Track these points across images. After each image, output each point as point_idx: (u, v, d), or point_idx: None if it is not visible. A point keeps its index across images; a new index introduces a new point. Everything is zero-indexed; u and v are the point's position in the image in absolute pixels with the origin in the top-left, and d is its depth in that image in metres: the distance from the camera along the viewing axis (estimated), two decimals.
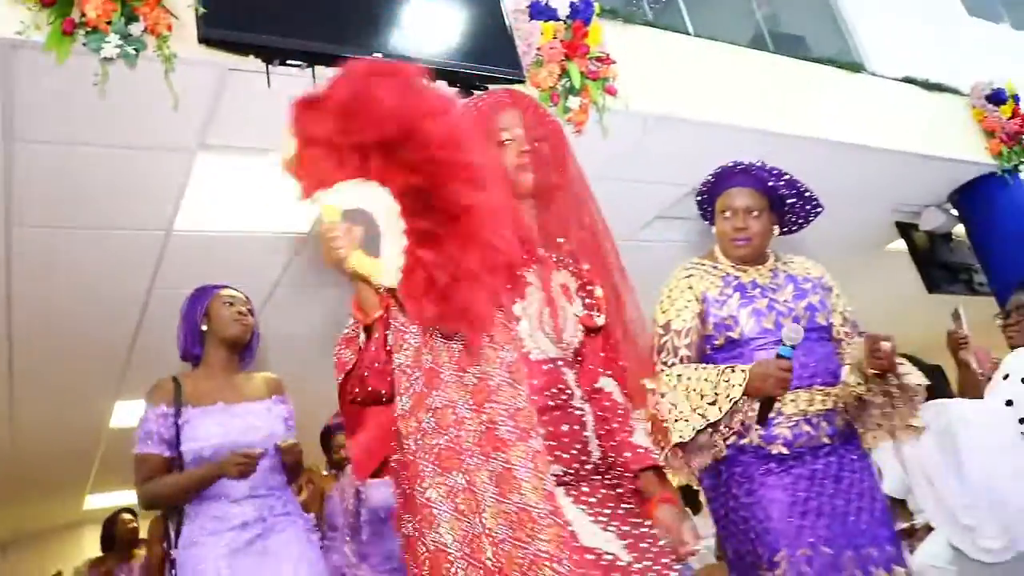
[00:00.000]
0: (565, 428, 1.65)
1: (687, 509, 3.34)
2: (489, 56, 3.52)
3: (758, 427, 2.23)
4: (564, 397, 1.68)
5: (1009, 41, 7.38)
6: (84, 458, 7.87)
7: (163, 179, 3.65)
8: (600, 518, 1.60)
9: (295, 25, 3.07)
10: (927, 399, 2.51)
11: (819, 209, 2.50)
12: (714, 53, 4.66)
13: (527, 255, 1.73)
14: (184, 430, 2.53)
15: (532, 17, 3.70)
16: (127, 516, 5.55)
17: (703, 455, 2.26)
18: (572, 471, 1.63)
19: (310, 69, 3.14)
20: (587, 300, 1.81)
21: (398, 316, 1.59)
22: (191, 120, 3.27)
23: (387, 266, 1.45)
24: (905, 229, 6.23)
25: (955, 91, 5.86)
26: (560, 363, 1.71)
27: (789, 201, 2.46)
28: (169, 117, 3.11)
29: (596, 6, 3.90)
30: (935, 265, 6.13)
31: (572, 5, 3.77)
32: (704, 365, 2.29)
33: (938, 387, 4.02)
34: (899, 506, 3.68)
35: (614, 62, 3.84)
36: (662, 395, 2.22)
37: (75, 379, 5.73)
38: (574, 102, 3.70)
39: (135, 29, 2.76)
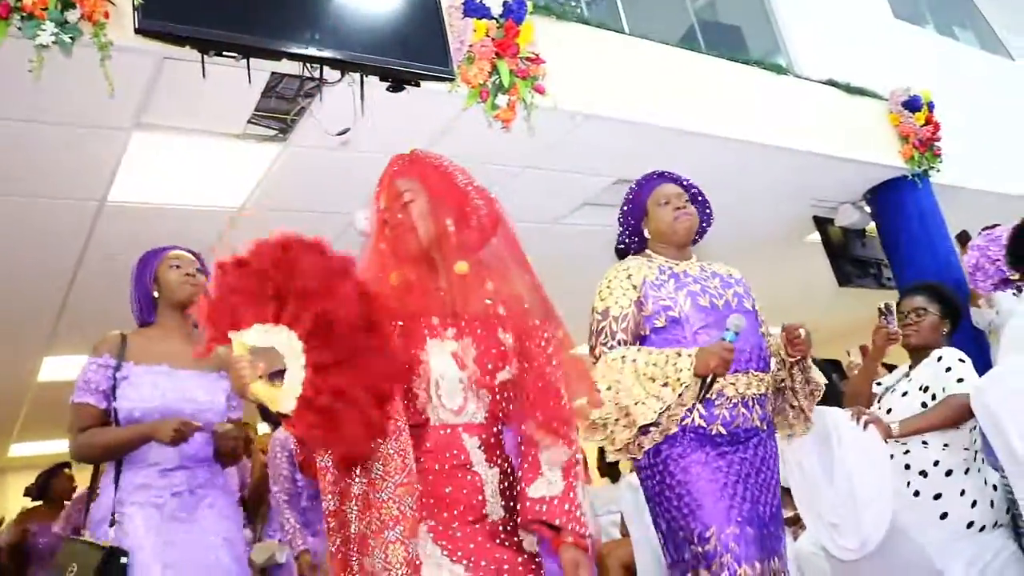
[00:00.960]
0: (448, 490, 1.78)
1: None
2: (421, 53, 3.64)
3: (699, 404, 2.40)
4: (456, 461, 1.80)
5: (932, 45, 7.68)
6: (11, 408, 7.88)
7: (98, 154, 3.72)
8: (456, 554, 1.75)
9: (231, 18, 3.14)
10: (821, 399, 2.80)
11: (711, 219, 2.83)
12: (643, 51, 4.81)
13: (426, 331, 1.85)
14: (121, 385, 2.48)
15: (465, 14, 3.82)
16: (68, 472, 5.55)
17: (653, 435, 2.43)
18: (452, 527, 1.77)
19: (245, 60, 3.24)
20: (489, 361, 1.85)
21: None
22: (127, 102, 3.35)
23: (286, 395, 1.65)
24: (821, 223, 6.54)
25: (876, 95, 6.12)
26: (460, 428, 1.82)
27: (700, 199, 2.78)
28: (104, 98, 3.17)
29: (530, 4, 4.02)
30: (847, 259, 6.46)
31: (505, 4, 3.89)
32: (649, 349, 2.44)
33: (832, 385, 4.32)
34: (786, 495, 3.97)
35: (544, 61, 3.98)
36: (607, 377, 2.41)
37: (5, 334, 5.76)
38: (502, 100, 3.85)
39: (72, 16, 2.82)
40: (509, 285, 1.92)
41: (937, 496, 3.00)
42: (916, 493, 3.04)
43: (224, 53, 3.17)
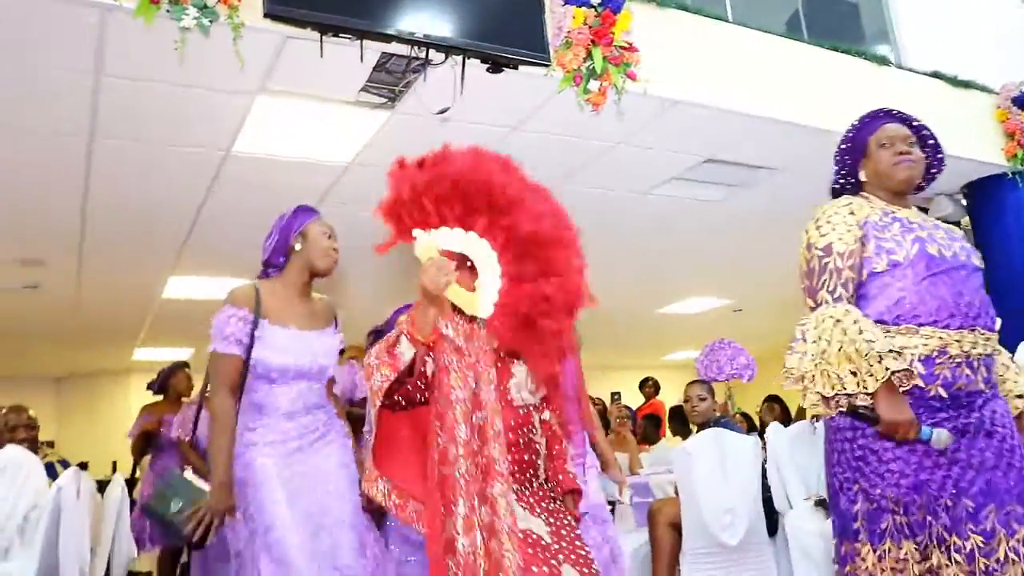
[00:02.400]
0: (527, 458, 2.18)
1: None
2: (520, 39, 3.90)
3: (917, 362, 2.19)
4: (530, 436, 2.20)
5: None
6: (137, 318, 8.67)
7: (226, 112, 4.17)
8: (536, 510, 2.14)
9: (347, 4, 3.49)
10: None
11: (943, 164, 2.58)
12: (739, 38, 4.93)
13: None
14: (257, 342, 2.63)
15: (566, 2, 4.05)
16: (187, 371, 6.05)
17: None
18: (525, 486, 2.17)
19: (358, 41, 3.58)
20: None
21: (448, 350, 2.12)
22: (254, 70, 3.76)
23: (482, 301, 1.87)
24: None
25: (985, 89, 6.03)
26: (531, 408, 2.23)
27: (930, 143, 2.55)
28: (234, 67, 3.57)
29: None
30: None
31: None
32: (863, 325, 2.17)
33: None
34: None
35: (637, 50, 4.17)
36: (816, 330, 2.22)
37: (138, 254, 6.40)
38: (594, 85, 4.08)
39: (210, 0, 3.21)
40: None
41: None
42: None
43: (340, 35, 3.51)
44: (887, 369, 2.08)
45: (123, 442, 10.15)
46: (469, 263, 2.01)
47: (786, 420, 5.32)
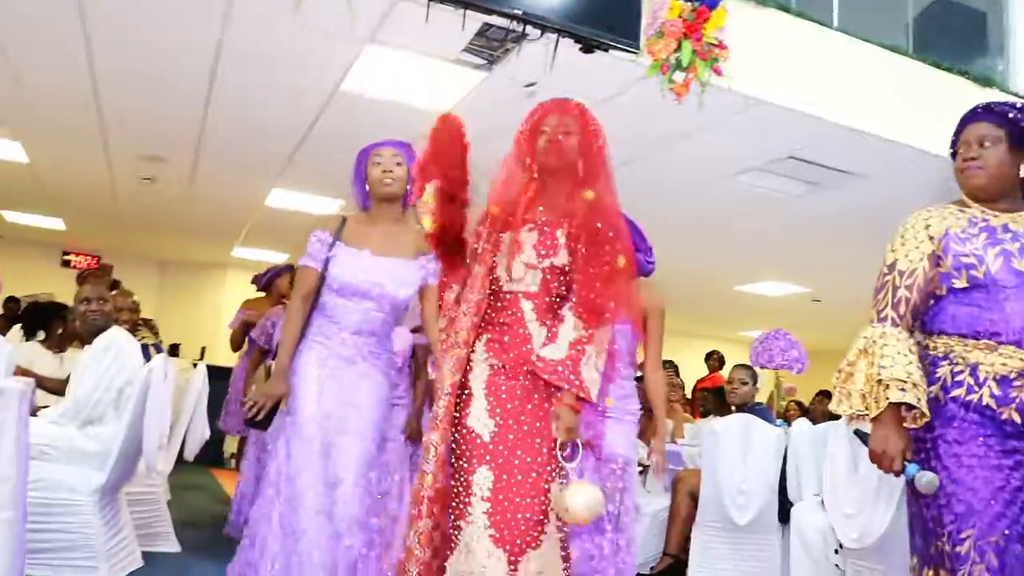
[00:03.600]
0: (507, 339, 2.44)
1: None
2: (615, 25, 4.12)
3: (992, 381, 2.09)
4: (516, 318, 2.45)
5: None
6: (239, 221, 9.30)
7: (338, 56, 4.54)
8: (495, 412, 2.40)
9: None
10: None
11: None
12: (837, 45, 5.00)
13: (512, 224, 2.50)
14: (331, 260, 2.96)
15: None
16: (290, 277, 6.00)
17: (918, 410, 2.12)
18: (509, 365, 2.42)
19: (462, 11, 3.87)
20: (543, 250, 2.47)
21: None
22: (366, 23, 4.12)
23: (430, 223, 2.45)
24: None
25: None
26: (519, 294, 2.47)
27: None
28: (348, 16, 3.92)
29: None
30: None
31: None
32: (889, 350, 2.11)
33: None
34: None
35: (726, 48, 4.33)
36: (855, 345, 2.20)
37: (248, 163, 6.95)
38: (679, 76, 4.27)
39: None
40: (594, 212, 2.48)
41: None
42: None
43: (445, 2, 3.81)
44: (887, 399, 2.05)
45: (214, 331, 11.01)
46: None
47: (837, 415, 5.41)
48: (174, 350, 10.91)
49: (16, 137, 6.78)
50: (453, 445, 2.41)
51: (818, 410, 7.44)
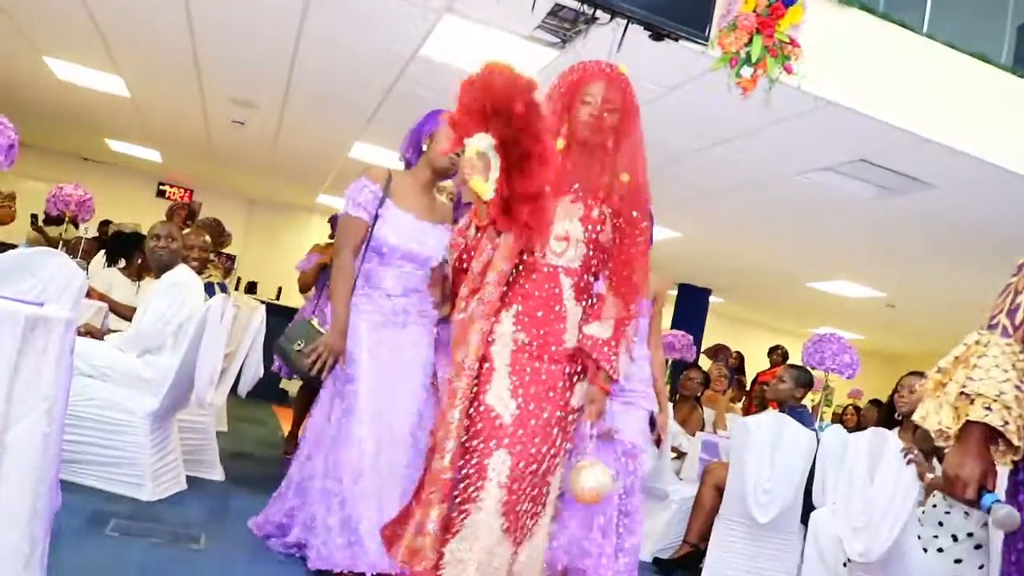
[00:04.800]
0: (540, 315, 2.38)
1: None
2: (686, 16, 4.12)
3: None
4: (553, 293, 2.40)
5: None
6: (325, 168, 9.59)
7: (418, 21, 4.71)
8: (520, 391, 2.36)
9: None
10: None
11: None
12: (922, 50, 4.86)
13: (554, 191, 2.38)
14: (380, 218, 2.98)
15: None
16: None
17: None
18: (537, 343, 2.38)
19: None
20: (590, 225, 2.44)
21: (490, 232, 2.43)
22: None
23: (488, 187, 2.24)
24: None
25: None
26: (559, 269, 2.42)
27: None
28: None
29: None
30: None
31: None
32: (986, 361, 1.76)
33: None
34: None
35: (798, 45, 4.28)
36: (955, 351, 1.83)
37: (333, 114, 7.19)
38: (747, 71, 4.25)
39: None
40: (626, 188, 2.48)
41: (958, 561, 3.37)
42: (940, 550, 3.42)
43: None
44: (967, 415, 1.74)
45: (292, 272, 11.39)
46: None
47: (889, 423, 5.22)
48: (251, 287, 11.39)
49: (120, 72, 7.14)
50: (466, 420, 2.36)
51: (868, 416, 7.36)
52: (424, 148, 3.10)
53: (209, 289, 4.87)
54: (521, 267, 2.46)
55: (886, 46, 4.72)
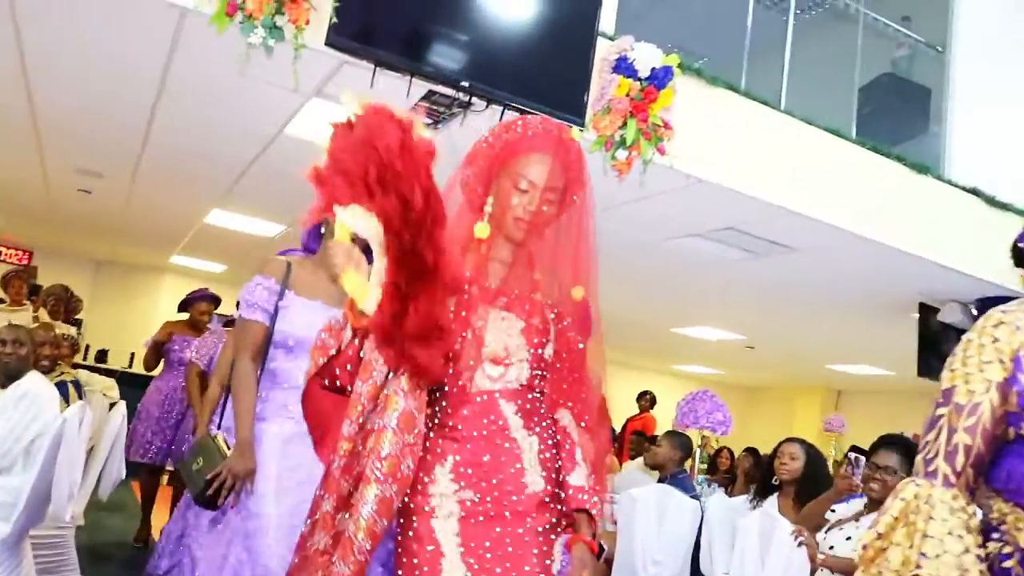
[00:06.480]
0: (486, 459, 1.77)
1: None
2: (562, 101, 4.13)
3: None
4: (496, 427, 1.80)
5: None
6: (179, 232, 9.12)
7: (283, 103, 4.51)
8: (470, 557, 1.72)
9: (403, 46, 3.79)
10: None
11: None
12: (781, 126, 5.07)
13: (480, 299, 1.86)
14: (281, 312, 2.67)
15: (614, 70, 4.26)
16: (209, 307, 6.08)
17: None
18: (491, 499, 1.75)
19: (408, 78, 3.86)
20: (535, 336, 1.88)
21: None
22: (311, 82, 4.08)
23: (370, 296, 1.58)
24: (925, 312, 6.67)
25: (1021, 212, 6.08)
26: (497, 394, 1.82)
27: None
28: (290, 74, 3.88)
29: (677, 70, 4.39)
30: (935, 354, 6.58)
31: (653, 71, 4.28)
32: (934, 528, 1.47)
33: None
34: None
35: (671, 128, 4.38)
36: (894, 508, 1.53)
37: (193, 181, 6.80)
38: (622, 154, 4.31)
39: (280, 21, 3.49)
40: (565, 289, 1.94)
41: None
42: None
43: (391, 69, 3.80)
44: None
45: (145, 336, 10.74)
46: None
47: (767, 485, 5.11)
48: (102, 356, 10.70)
49: None
50: None
51: (741, 467, 7.55)
52: (324, 232, 2.81)
53: (62, 389, 4.47)
54: (441, 399, 1.84)
55: (749, 123, 4.90)
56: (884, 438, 3.75)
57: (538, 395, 1.89)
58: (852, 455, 3.51)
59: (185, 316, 6.14)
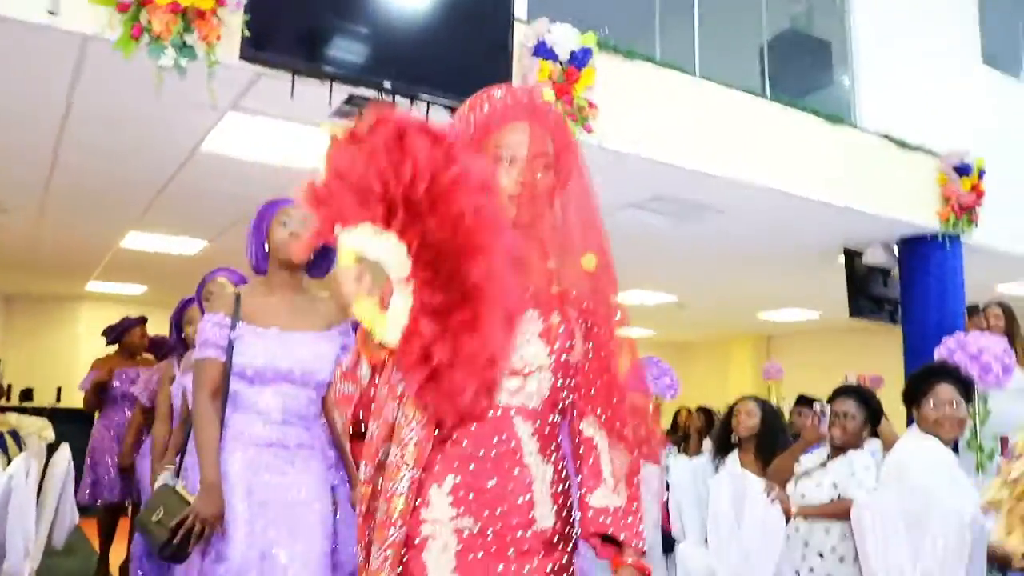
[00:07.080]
0: (491, 483, 1.53)
1: None
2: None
3: None
4: (507, 448, 1.55)
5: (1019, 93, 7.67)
6: (95, 258, 8.77)
7: (198, 119, 4.35)
8: None
9: (319, 53, 3.72)
10: None
11: None
12: (701, 92, 5.16)
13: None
14: (236, 343, 2.58)
15: (535, 54, 4.24)
16: (143, 329, 5.93)
17: None
18: (493, 530, 1.52)
19: (328, 84, 3.77)
20: (558, 340, 1.63)
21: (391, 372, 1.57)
22: (227, 95, 3.95)
23: (391, 323, 1.38)
24: (850, 255, 6.88)
25: (932, 152, 6.31)
26: (512, 411, 1.58)
27: None
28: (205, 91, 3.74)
29: (595, 47, 4.41)
30: (864, 295, 6.82)
31: (572, 53, 4.29)
32: None
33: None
34: None
35: (596, 107, 4.39)
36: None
37: (105, 205, 6.50)
38: None
39: (190, 39, 3.37)
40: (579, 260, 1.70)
41: None
42: (811, 569, 3.62)
43: (310, 76, 3.71)
44: None
45: (70, 369, 10.33)
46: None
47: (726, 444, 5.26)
48: (27, 395, 10.27)
49: None
50: None
51: (693, 426, 7.71)
52: (266, 247, 2.69)
53: (0, 442, 4.28)
54: None
55: (668, 92, 4.96)
56: (840, 388, 3.97)
57: (558, 419, 1.64)
58: (818, 406, 3.67)
59: (114, 348, 5.96)
